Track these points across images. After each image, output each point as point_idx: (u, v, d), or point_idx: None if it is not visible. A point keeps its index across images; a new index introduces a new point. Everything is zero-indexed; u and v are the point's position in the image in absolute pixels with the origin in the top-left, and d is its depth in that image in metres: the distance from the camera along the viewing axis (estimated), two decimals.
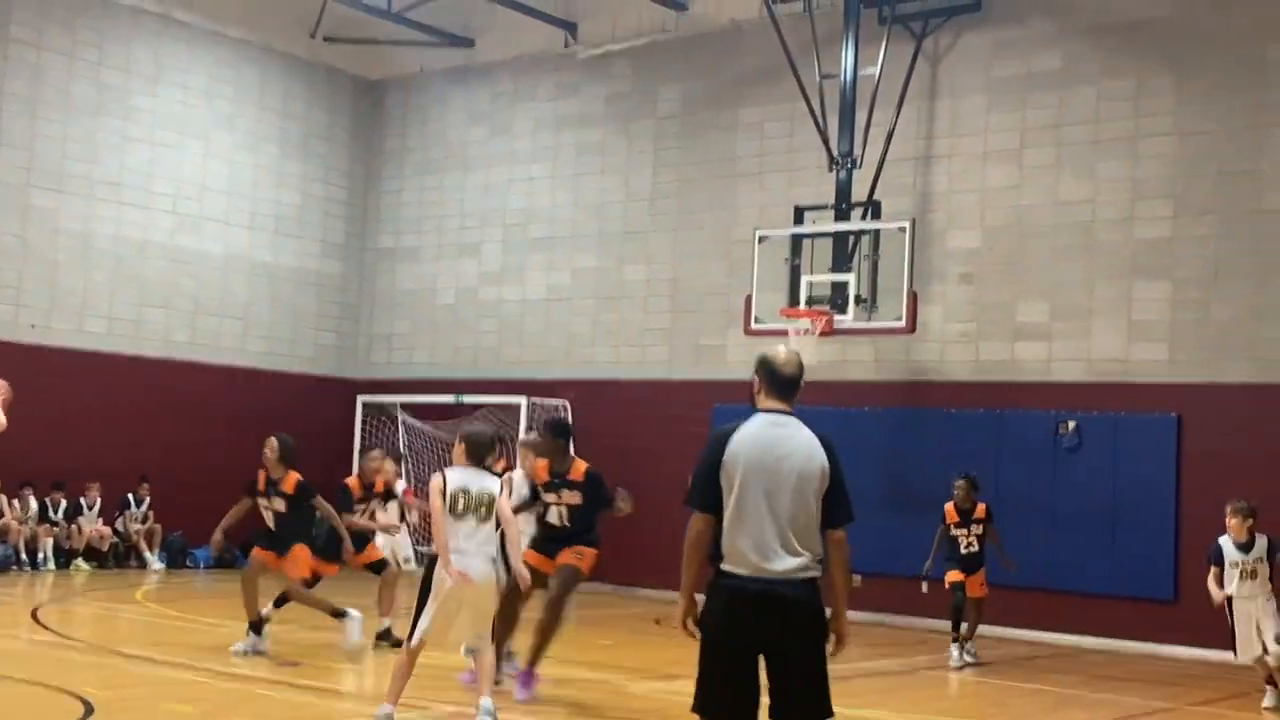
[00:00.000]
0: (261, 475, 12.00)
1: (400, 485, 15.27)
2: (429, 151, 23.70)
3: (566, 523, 11.05)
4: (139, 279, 21.22)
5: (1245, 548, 11.24)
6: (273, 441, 11.92)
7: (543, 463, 11.32)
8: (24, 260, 19.86)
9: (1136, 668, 14.44)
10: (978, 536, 13.77)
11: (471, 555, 8.57)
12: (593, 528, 11.14)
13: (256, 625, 11.77)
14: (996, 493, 17.09)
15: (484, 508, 8.68)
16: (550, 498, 11.09)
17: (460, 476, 8.71)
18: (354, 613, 11.82)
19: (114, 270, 20.91)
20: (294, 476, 11.81)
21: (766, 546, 5.79)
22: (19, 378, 19.81)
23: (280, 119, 23.12)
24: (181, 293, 21.72)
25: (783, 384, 6.07)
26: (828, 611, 5.75)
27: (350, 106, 24.14)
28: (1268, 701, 11.52)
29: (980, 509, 13.91)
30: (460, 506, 8.60)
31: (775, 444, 5.90)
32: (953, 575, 13.69)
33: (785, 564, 5.78)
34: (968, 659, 13.61)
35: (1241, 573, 11.17)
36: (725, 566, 5.82)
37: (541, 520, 11.31)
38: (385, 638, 12.31)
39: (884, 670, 13.07)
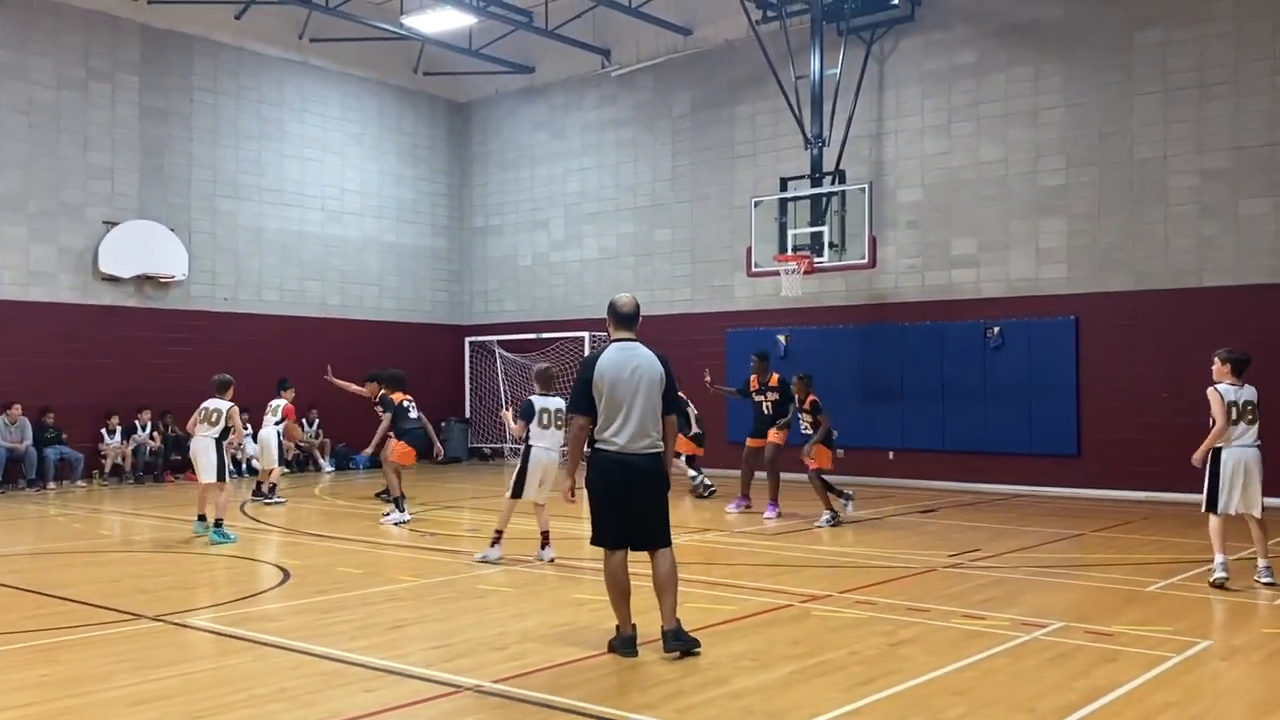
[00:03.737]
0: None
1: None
2: (505, 153, 23.55)
3: (770, 412, 13.14)
4: (299, 259, 21.32)
5: None
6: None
7: (753, 376, 13.37)
8: (215, 250, 19.99)
9: (1050, 506, 14.43)
10: None
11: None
12: (787, 414, 13.03)
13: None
14: (942, 383, 17.12)
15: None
16: (759, 398, 13.21)
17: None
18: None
19: (281, 254, 21.02)
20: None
21: (627, 432, 6.23)
22: (217, 337, 20.16)
23: (395, 135, 23.05)
24: (331, 268, 21.81)
25: (625, 319, 6.46)
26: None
27: (445, 122, 23.98)
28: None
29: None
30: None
31: (627, 362, 6.30)
32: None
33: (639, 443, 6.25)
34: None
35: None
36: (600, 446, 6.27)
37: (757, 411, 13.30)
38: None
39: (857, 517, 13.14)
